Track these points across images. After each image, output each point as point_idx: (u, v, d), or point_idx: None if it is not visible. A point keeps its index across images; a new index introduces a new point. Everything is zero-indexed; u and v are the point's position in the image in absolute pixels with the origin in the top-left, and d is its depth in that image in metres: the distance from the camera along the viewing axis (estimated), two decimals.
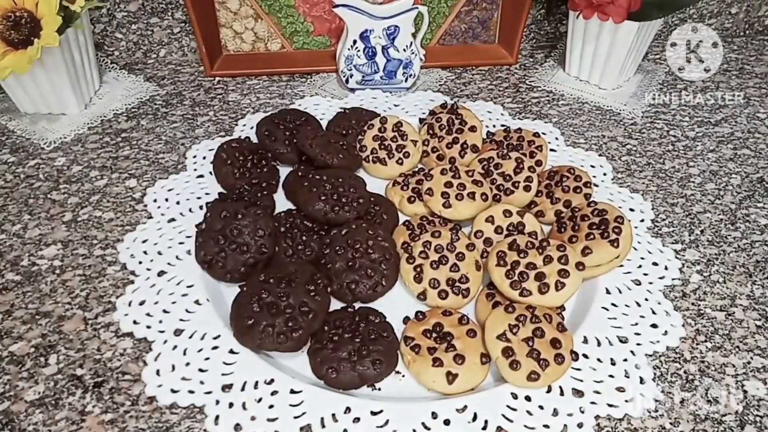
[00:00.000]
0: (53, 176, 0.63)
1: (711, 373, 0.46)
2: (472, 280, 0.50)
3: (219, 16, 0.81)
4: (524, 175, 0.59)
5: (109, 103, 0.74)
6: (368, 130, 0.65)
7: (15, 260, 0.54)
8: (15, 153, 0.66)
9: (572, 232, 0.54)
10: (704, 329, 0.50)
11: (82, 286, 0.52)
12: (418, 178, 0.61)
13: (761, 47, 0.93)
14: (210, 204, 0.55)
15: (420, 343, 0.46)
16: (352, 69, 0.75)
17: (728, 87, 0.82)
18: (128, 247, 0.54)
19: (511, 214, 0.55)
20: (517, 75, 0.84)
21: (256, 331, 0.45)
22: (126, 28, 0.81)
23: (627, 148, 0.70)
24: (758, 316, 0.51)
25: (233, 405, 0.42)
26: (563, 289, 0.47)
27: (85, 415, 0.42)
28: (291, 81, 0.81)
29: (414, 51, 0.75)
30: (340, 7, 0.70)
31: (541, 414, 0.42)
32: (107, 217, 0.59)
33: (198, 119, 0.73)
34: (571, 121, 0.75)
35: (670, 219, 0.61)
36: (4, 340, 0.47)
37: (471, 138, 0.64)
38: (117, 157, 0.66)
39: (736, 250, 0.57)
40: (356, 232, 0.53)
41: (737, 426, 0.43)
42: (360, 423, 0.41)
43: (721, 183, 0.66)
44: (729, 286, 0.54)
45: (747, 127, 0.75)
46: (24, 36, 0.61)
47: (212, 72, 0.81)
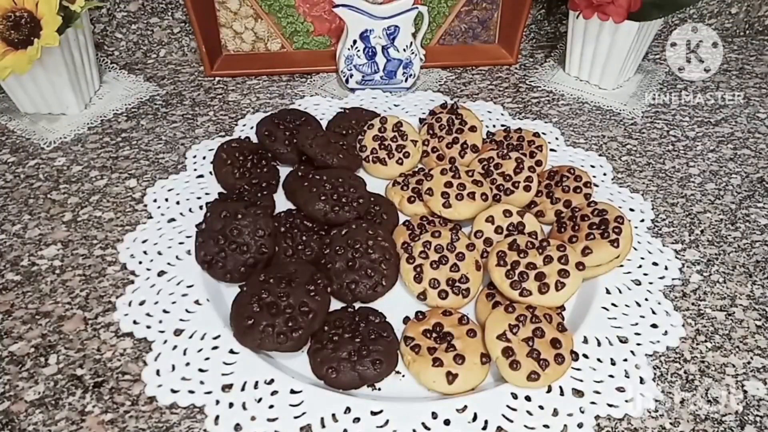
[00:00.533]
0: (53, 176, 0.63)
1: (711, 373, 0.46)
2: (472, 280, 0.50)
3: (219, 16, 0.81)
4: (524, 175, 0.59)
5: (109, 103, 0.74)
6: (368, 130, 0.65)
7: (15, 260, 0.54)
8: (15, 153, 0.66)
9: (572, 232, 0.54)
10: (704, 329, 0.50)
11: (82, 286, 0.52)
12: (418, 178, 0.61)
13: (761, 47, 0.93)
14: (210, 204, 0.55)
15: (420, 343, 0.46)
16: (352, 69, 0.75)
17: (728, 87, 0.82)
18: (128, 247, 0.54)
19: (511, 214, 0.55)
20: (517, 75, 0.84)
21: (256, 331, 0.45)
22: (126, 28, 0.81)
23: (627, 148, 0.70)
24: (758, 316, 0.51)
25: (233, 405, 0.42)
26: (563, 289, 0.47)
27: (85, 415, 0.42)
28: (291, 81, 0.81)
29: (414, 51, 0.75)
30: (340, 7, 0.70)
31: (541, 414, 0.42)
32: (107, 217, 0.59)
33: (198, 119, 0.73)
34: (571, 121, 0.75)
35: (670, 219, 0.61)
36: (4, 340, 0.47)
37: (471, 138, 0.64)
38: (117, 157, 0.66)
39: (736, 250, 0.57)
40: (356, 232, 0.53)
41: (737, 426, 0.43)
42: (360, 423, 0.41)
43: (721, 183, 0.66)
44: (729, 286, 0.54)
45: (747, 127, 0.75)
46: (24, 36, 0.61)
47: (212, 72, 0.81)
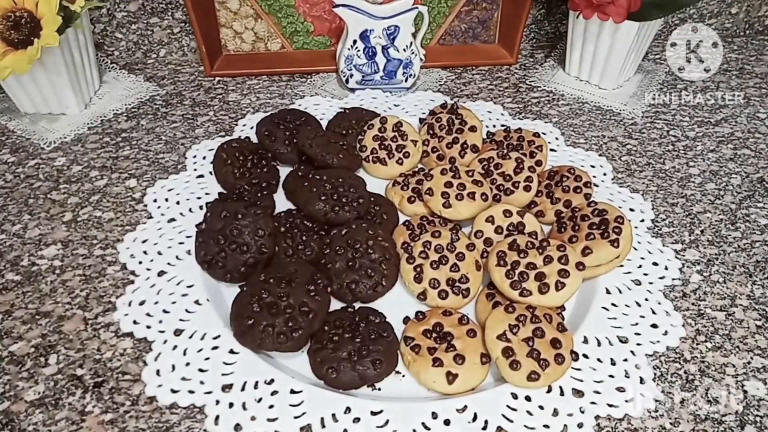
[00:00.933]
0: (53, 176, 0.63)
1: (711, 373, 0.46)
2: (472, 280, 0.50)
3: (219, 15, 0.81)
4: (524, 175, 0.59)
5: (109, 103, 0.74)
6: (368, 130, 0.65)
7: (15, 260, 0.54)
8: (15, 153, 0.66)
9: (572, 232, 0.54)
10: (704, 329, 0.50)
11: (82, 286, 0.52)
12: (418, 178, 0.61)
13: (761, 47, 0.93)
14: (210, 204, 0.55)
15: (420, 343, 0.46)
16: (352, 69, 0.75)
17: (728, 87, 0.82)
18: (128, 247, 0.54)
19: (511, 214, 0.55)
20: (517, 75, 0.84)
21: (256, 331, 0.45)
22: (126, 28, 0.81)
23: (627, 148, 0.70)
24: (758, 316, 0.51)
25: (233, 405, 0.42)
26: (563, 289, 0.47)
27: (85, 415, 0.42)
28: (291, 81, 0.81)
29: (414, 51, 0.75)
30: (340, 7, 0.70)
31: (541, 414, 0.42)
32: (107, 217, 0.59)
33: (198, 119, 0.73)
34: (571, 121, 0.75)
35: (670, 219, 0.61)
36: (4, 340, 0.47)
37: (471, 138, 0.64)
38: (117, 157, 0.66)
39: (736, 250, 0.57)
40: (356, 232, 0.53)
41: (737, 426, 0.43)
42: (360, 423, 0.41)
43: (721, 183, 0.66)
44: (729, 286, 0.54)
45: (747, 127, 0.75)
46: (24, 36, 0.61)
47: (212, 72, 0.81)
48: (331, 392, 0.44)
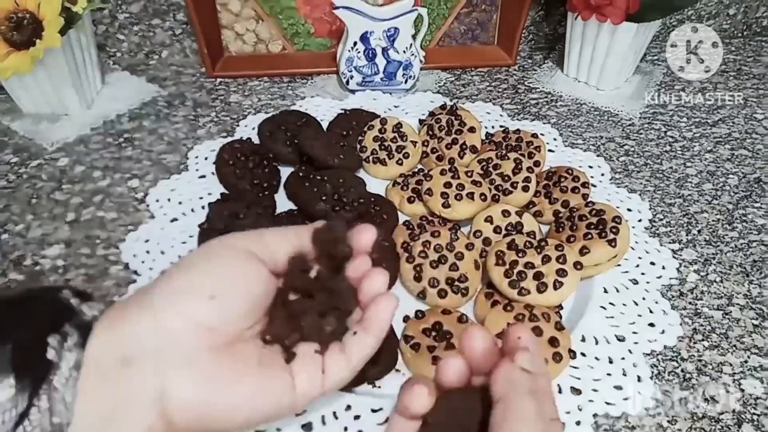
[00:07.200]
0: (56, 176, 0.64)
1: (708, 372, 0.47)
2: (471, 280, 0.50)
3: (220, 17, 0.81)
4: (523, 176, 0.59)
5: (112, 104, 0.74)
6: (368, 131, 0.66)
7: (18, 260, 0.54)
8: (18, 153, 0.66)
9: (570, 232, 0.54)
10: (701, 328, 0.50)
11: (85, 285, 0.52)
12: (418, 178, 0.61)
13: (759, 48, 0.93)
14: (212, 204, 0.55)
15: (419, 341, 0.46)
16: (352, 70, 0.75)
17: (726, 88, 0.83)
18: (131, 247, 0.55)
19: (509, 214, 0.55)
20: (516, 76, 0.85)
21: None
22: (128, 30, 0.81)
23: (625, 149, 0.71)
24: (755, 315, 0.51)
25: None
26: (561, 288, 0.47)
27: None
28: (292, 82, 0.81)
29: (414, 53, 0.76)
30: (340, 9, 0.71)
31: None
32: (110, 217, 0.59)
33: (200, 120, 0.73)
34: (570, 122, 0.75)
35: (668, 219, 0.61)
36: None
37: (470, 139, 0.64)
38: (119, 158, 0.67)
39: (733, 250, 0.58)
40: None
41: (734, 424, 0.43)
42: (360, 420, 0.42)
43: (718, 183, 0.66)
44: (726, 285, 0.54)
45: (744, 127, 0.75)
46: (26, 37, 0.62)
47: (214, 73, 0.81)
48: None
